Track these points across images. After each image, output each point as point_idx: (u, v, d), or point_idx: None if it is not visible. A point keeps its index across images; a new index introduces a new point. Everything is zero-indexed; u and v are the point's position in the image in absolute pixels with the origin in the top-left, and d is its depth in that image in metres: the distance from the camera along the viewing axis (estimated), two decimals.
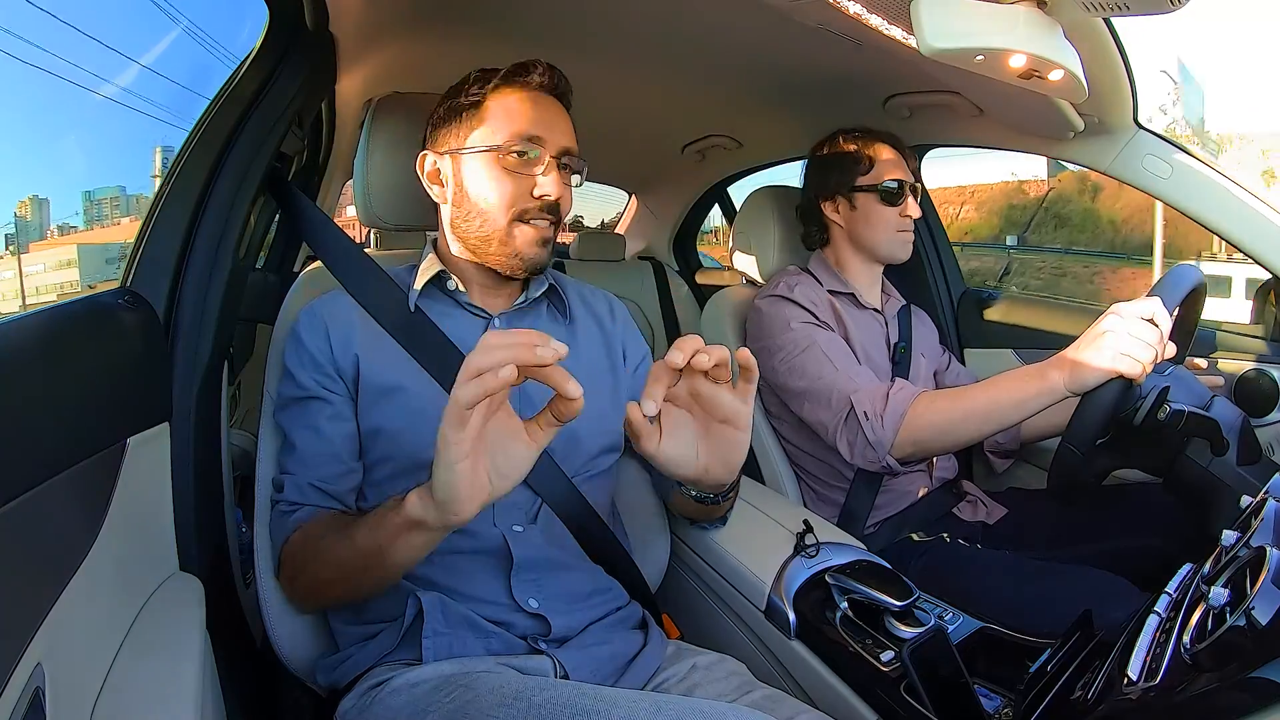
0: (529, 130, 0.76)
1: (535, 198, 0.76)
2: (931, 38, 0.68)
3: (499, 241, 0.77)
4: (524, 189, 0.76)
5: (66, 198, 5.37)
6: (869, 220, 1.19)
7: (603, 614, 0.78)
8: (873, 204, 1.18)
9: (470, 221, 0.78)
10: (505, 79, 0.78)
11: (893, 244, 1.19)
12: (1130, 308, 0.80)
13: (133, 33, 6.35)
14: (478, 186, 0.77)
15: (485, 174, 0.77)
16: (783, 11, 0.88)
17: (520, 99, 0.78)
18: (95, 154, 7.09)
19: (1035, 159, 18.25)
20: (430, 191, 0.82)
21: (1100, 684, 0.60)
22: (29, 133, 6.88)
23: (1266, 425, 1.08)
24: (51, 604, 0.48)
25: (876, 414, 0.97)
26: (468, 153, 0.78)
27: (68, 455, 0.54)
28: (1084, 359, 0.81)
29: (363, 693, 0.68)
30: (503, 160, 0.76)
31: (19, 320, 0.57)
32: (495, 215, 0.77)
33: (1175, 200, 1.10)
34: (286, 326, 0.82)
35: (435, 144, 0.81)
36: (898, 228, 1.18)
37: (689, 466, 0.63)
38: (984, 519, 1.17)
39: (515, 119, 0.77)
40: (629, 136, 1.77)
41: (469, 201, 0.78)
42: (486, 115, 0.77)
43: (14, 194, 4.66)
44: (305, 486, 0.73)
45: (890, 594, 0.72)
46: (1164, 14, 0.65)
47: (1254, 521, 0.59)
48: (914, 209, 1.18)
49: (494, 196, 0.77)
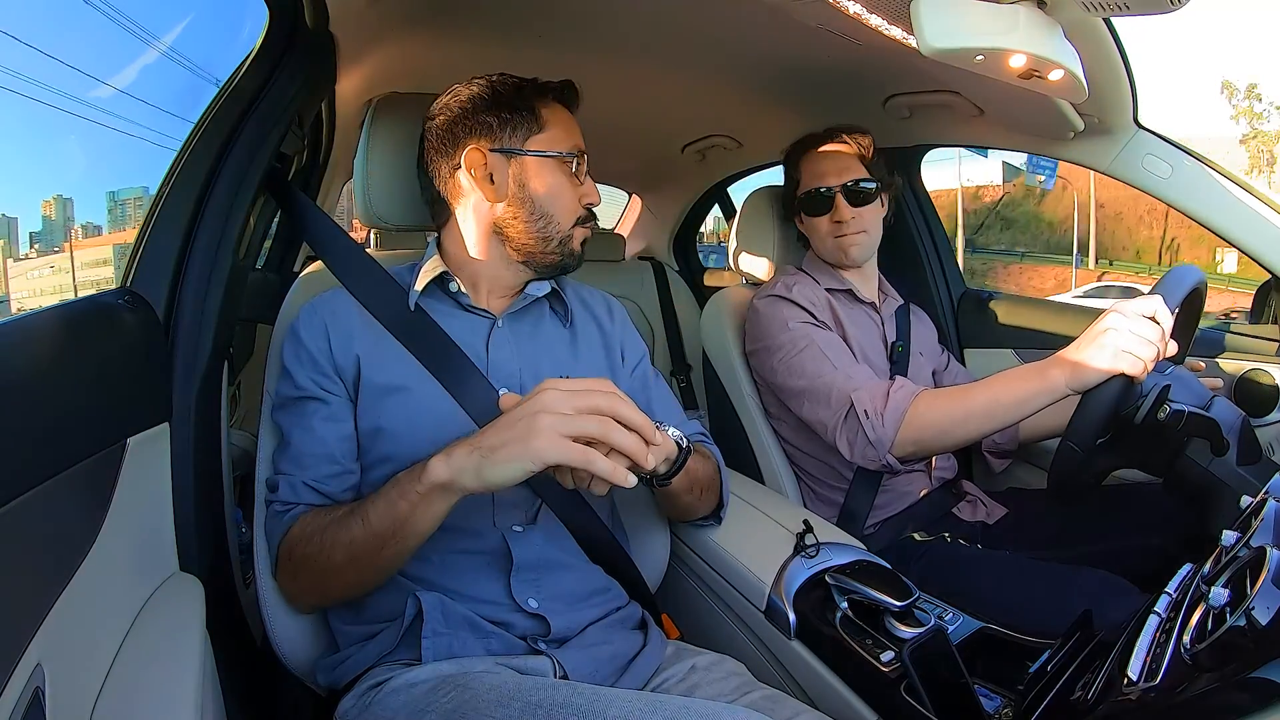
0: (580, 145, 0.82)
1: (583, 205, 0.83)
2: (931, 38, 0.68)
3: (560, 241, 0.82)
4: (579, 195, 0.82)
5: (91, 198, 5.42)
6: (810, 231, 1.22)
7: (602, 614, 0.78)
8: (806, 216, 1.21)
9: (532, 222, 0.80)
10: (557, 95, 0.83)
11: (832, 251, 1.19)
12: (1132, 305, 0.80)
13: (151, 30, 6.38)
14: (546, 189, 0.80)
15: (553, 179, 0.80)
16: (783, 11, 0.88)
17: (564, 114, 0.83)
18: (120, 155, 7.19)
19: (992, 165, 19.05)
20: (468, 185, 0.80)
21: (1100, 684, 0.60)
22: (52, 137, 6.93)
23: (1266, 425, 1.08)
24: (51, 604, 0.48)
25: (877, 412, 0.97)
26: (532, 155, 0.79)
27: (68, 455, 0.54)
28: (1085, 357, 0.80)
29: (362, 693, 0.68)
30: (566, 169, 0.81)
31: (19, 320, 0.57)
32: (562, 217, 0.81)
33: (1175, 200, 1.10)
34: (286, 326, 0.82)
35: (486, 139, 0.79)
36: (832, 234, 1.17)
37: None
38: (984, 519, 1.17)
39: (571, 132, 0.82)
40: (629, 136, 1.77)
41: (533, 202, 0.80)
42: (545, 124, 0.80)
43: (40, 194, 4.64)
44: (300, 486, 0.73)
45: (890, 594, 0.72)
46: (1164, 14, 0.65)
47: (1254, 521, 0.59)
48: (843, 212, 1.15)
49: (563, 200, 0.81)
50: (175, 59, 7.95)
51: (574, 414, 0.60)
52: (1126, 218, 19.08)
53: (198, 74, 5.50)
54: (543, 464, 0.60)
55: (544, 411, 0.60)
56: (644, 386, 0.90)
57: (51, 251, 7.91)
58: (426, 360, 0.77)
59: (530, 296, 0.84)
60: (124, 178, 7.79)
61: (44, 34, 9.54)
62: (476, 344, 0.80)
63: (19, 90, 6.35)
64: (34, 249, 7.79)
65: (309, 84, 0.89)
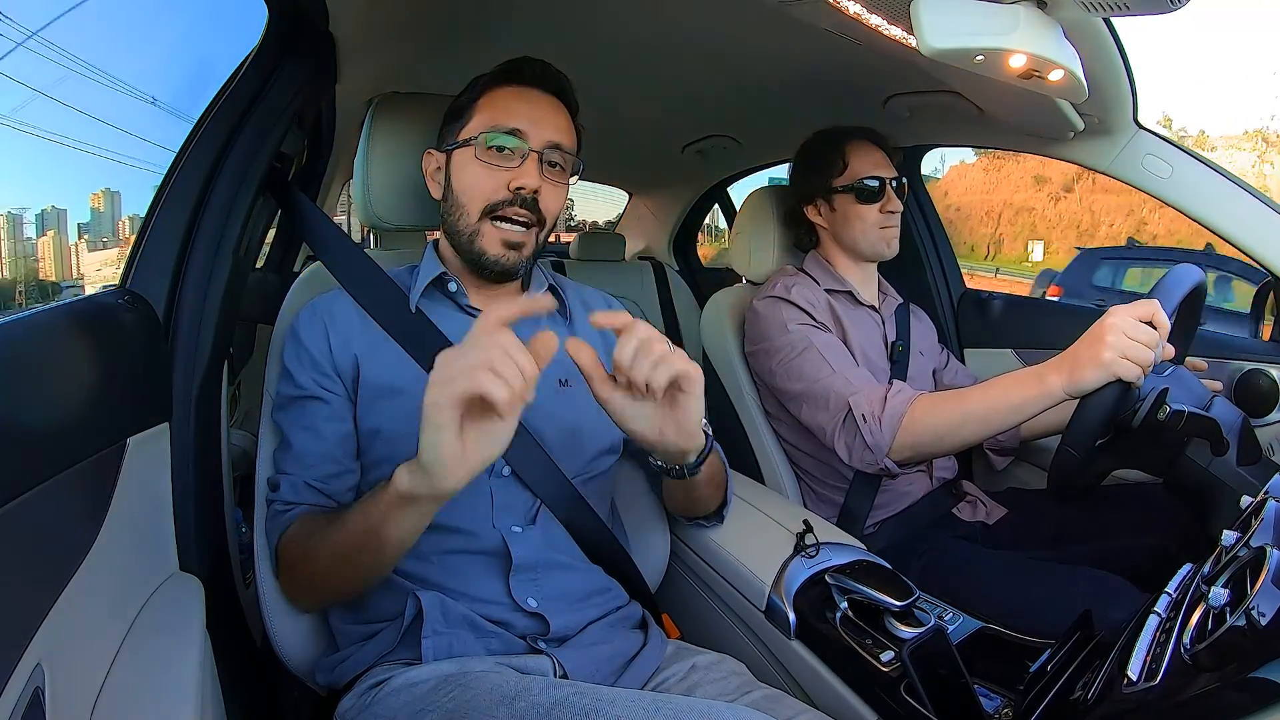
0: (508, 123, 0.77)
1: (510, 190, 0.76)
2: (931, 38, 0.68)
3: (469, 237, 0.78)
4: (499, 183, 0.77)
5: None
6: (849, 220, 1.19)
7: (602, 613, 0.78)
8: (851, 204, 1.18)
9: (453, 215, 0.80)
10: (498, 76, 0.80)
11: (875, 242, 1.19)
12: (1129, 310, 0.80)
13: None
14: (460, 180, 0.79)
15: (467, 167, 0.78)
16: (783, 12, 0.88)
17: (510, 94, 0.79)
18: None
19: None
20: (430, 189, 0.84)
21: (1100, 684, 0.60)
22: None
23: (1266, 425, 1.08)
24: (51, 604, 0.48)
25: (874, 417, 0.97)
26: (455, 147, 0.79)
27: (68, 455, 0.54)
28: (1082, 363, 0.80)
29: (362, 692, 0.68)
30: (480, 153, 0.77)
31: (19, 320, 0.57)
32: (470, 208, 0.78)
33: (1175, 200, 1.10)
34: (286, 326, 0.82)
35: (438, 142, 0.84)
36: (879, 224, 1.18)
37: (643, 424, 0.66)
38: (984, 519, 1.17)
39: (499, 113, 0.78)
40: (629, 136, 1.77)
41: (453, 195, 0.80)
42: (476, 111, 0.79)
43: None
44: (301, 486, 0.73)
45: (890, 594, 0.72)
46: (1164, 14, 0.65)
47: (1254, 521, 0.59)
48: (895, 204, 1.17)
49: (471, 188, 0.78)
50: (175, 58, 7.75)
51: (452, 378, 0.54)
52: (972, 215, 19.59)
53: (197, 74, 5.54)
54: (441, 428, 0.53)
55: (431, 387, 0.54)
56: None
57: (100, 246, 7.98)
58: (425, 363, 0.76)
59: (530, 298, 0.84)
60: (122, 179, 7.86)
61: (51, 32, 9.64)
62: None
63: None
64: (82, 239, 7.88)
65: (309, 84, 0.89)
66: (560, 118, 0.81)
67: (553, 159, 0.79)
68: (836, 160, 1.19)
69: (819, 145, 1.22)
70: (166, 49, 32.13)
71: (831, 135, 1.22)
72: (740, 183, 2.22)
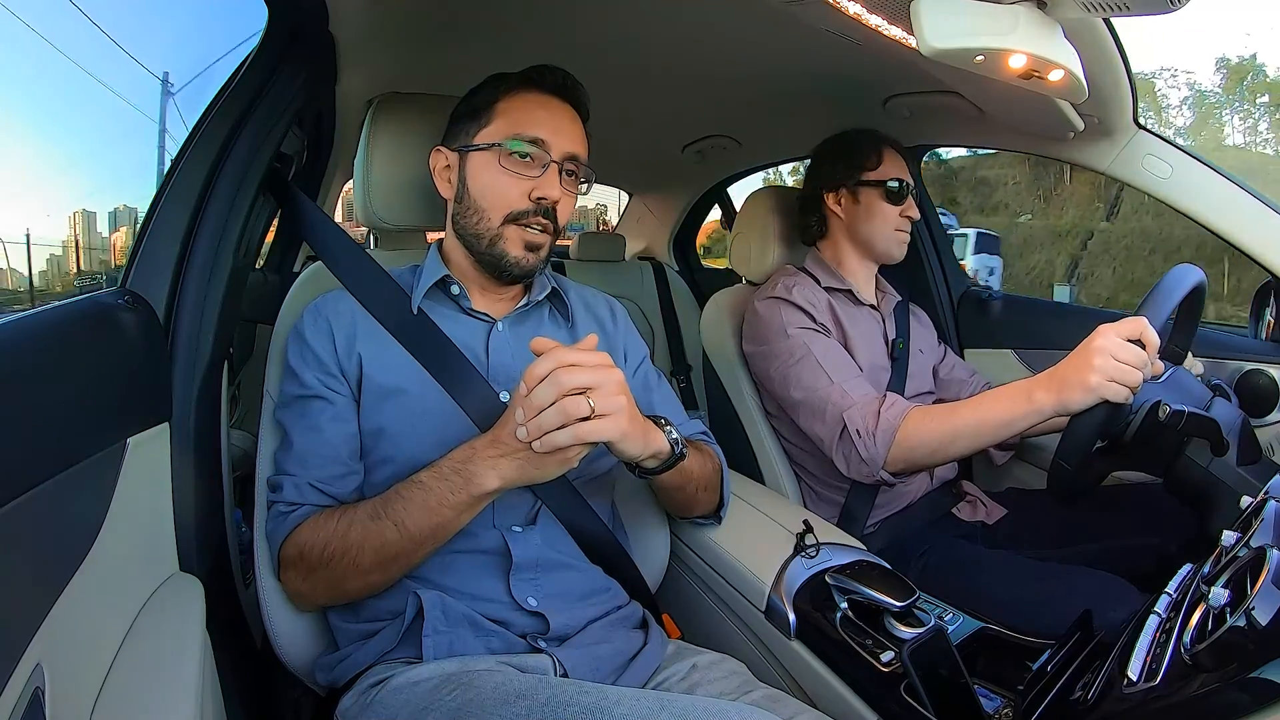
0: (533, 132, 0.77)
1: (532, 200, 0.77)
2: (931, 38, 0.68)
3: (489, 240, 0.78)
4: (522, 190, 0.77)
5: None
6: (870, 215, 1.19)
7: (602, 613, 0.78)
8: (876, 199, 1.19)
9: (468, 218, 0.79)
10: (520, 81, 0.80)
11: (890, 242, 1.20)
12: (1116, 329, 0.78)
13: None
14: (478, 183, 0.78)
15: (488, 170, 0.78)
16: (783, 12, 0.88)
17: (531, 101, 0.79)
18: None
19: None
20: (439, 187, 0.84)
21: (1100, 684, 0.60)
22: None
23: (1266, 425, 1.08)
24: (51, 604, 0.48)
25: (869, 431, 0.98)
26: (473, 149, 0.79)
27: (68, 455, 0.54)
28: (1069, 384, 0.79)
29: (362, 691, 0.68)
30: (504, 159, 0.77)
31: (19, 320, 0.57)
32: (491, 213, 0.78)
33: (1175, 200, 1.10)
34: (288, 326, 0.82)
35: (448, 140, 0.83)
36: (897, 226, 1.19)
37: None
38: (984, 519, 1.17)
39: (522, 120, 0.78)
40: (629, 136, 1.77)
41: (469, 197, 0.79)
42: (496, 115, 0.79)
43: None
44: (305, 486, 0.73)
45: (890, 594, 0.72)
46: (1164, 14, 0.65)
47: (1254, 521, 0.59)
48: (914, 211, 1.19)
49: (492, 194, 0.78)
50: (175, 58, 7.76)
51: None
52: None
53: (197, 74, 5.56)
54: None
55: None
56: (646, 388, 0.91)
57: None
58: (427, 363, 0.76)
59: (531, 301, 0.84)
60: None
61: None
62: (476, 347, 0.80)
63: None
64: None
65: (309, 84, 0.89)
66: (577, 128, 0.81)
67: (570, 170, 0.80)
68: (872, 155, 1.20)
69: (857, 137, 1.23)
70: (167, 49, 32.13)
71: (870, 133, 1.24)
72: (740, 183, 2.22)
